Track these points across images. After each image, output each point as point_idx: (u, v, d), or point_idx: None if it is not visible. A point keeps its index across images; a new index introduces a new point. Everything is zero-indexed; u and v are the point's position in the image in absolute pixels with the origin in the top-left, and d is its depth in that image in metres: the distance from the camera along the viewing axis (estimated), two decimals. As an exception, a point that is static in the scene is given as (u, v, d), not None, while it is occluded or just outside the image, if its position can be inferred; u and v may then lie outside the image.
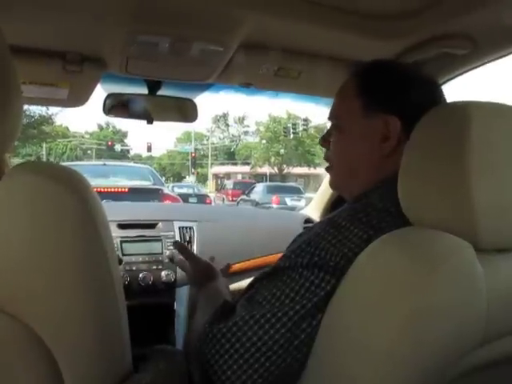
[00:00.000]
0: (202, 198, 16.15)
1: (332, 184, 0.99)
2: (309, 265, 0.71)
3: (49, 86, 1.33)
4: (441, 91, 0.91)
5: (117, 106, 1.50)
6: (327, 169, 0.97)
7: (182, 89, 1.49)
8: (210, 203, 15.83)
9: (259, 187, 18.44)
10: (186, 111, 1.54)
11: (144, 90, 1.46)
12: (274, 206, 14.72)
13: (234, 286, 1.68)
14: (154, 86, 1.44)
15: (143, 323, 1.08)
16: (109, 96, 1.48)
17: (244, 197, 18.18)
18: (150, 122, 1.51)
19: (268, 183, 21.23)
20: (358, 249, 0.69)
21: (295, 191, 17.26)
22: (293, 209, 9.40)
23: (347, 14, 1.05)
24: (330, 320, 0.67)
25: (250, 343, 0.69)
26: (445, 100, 0.88)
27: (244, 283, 1.69)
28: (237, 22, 1.04)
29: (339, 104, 0.92)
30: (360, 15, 1.06)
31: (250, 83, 1.44)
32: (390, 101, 0.84)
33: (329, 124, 0.96)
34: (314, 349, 0.69)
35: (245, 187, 20.56)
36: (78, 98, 1.47)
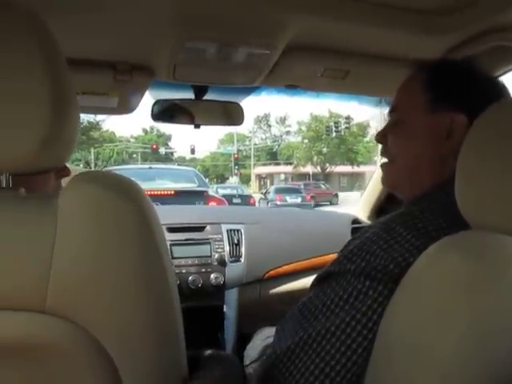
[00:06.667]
0: (245, 199, 16.43)
1: (388, 180, 0.93)
2: (356, 271, 0.69)
3: (100, 95, 1.38)
4: (504, 88, 0.86)
5: (164, 111, 1.52)
6: (384, 164, 0.92)
7: (228, 93, 1.49)
8: (254, 203, 16.02)
9: (271, 189, 24.12)
10: (232, 115, 1.54)
11: (191, 95, 1.47)
12: (278, 202, 19.97)
13: (282, 289, 1.69)
14: (200, 91, 1.46)
15: (193, 326, 1.09)
16: (156, 102, 1.51)
17: (262, 196, 23.67)
18: (197, 126, 1.53)
19: (276, 186, 27.50)
20: (408, 254, 0.66)
21: (295, 191, 22.60)
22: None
23: (395, 10, 1.02)
24: (385, 329, 0.65)
25: (314, 365, 0.68)
26: (510, 97, 0.84)
27: (292, 285, 1.68)
28: (282, 24, 1.04)
29: (402, 98, 0.89)
30: (410, 11, 1.03)
31: (296, 85, 1.43)
32: (458, 97, 0.81)
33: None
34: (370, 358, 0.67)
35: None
36: (127, 106, 1.52)
